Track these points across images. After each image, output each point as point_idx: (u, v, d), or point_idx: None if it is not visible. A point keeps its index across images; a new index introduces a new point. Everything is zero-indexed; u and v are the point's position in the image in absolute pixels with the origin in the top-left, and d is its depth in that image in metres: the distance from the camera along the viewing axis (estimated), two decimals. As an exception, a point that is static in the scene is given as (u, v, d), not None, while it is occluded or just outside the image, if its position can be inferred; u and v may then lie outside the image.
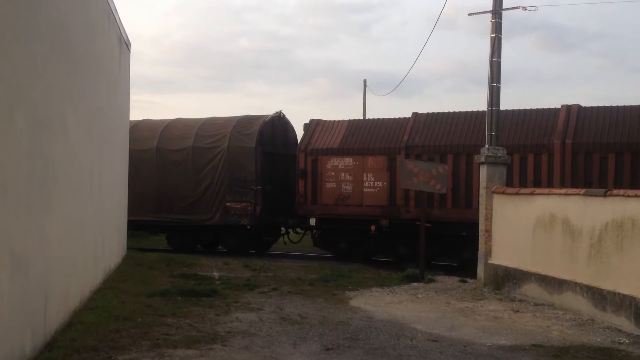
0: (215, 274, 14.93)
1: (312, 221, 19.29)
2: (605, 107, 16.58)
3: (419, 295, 12.31)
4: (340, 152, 18.92)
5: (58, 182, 8.02)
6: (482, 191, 13.57)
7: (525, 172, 16.32)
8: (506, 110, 17.20)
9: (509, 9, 14.00)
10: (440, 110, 18.64)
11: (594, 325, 9.58)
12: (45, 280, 7.51)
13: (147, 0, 65.50)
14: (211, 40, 69.47)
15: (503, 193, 12.94)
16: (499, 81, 13.99)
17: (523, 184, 15.95)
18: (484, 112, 17.26)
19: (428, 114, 18.54)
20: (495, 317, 10.28)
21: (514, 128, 16.86)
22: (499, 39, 14.01)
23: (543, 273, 11.40)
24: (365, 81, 37.97)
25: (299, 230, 20.81)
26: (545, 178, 16.07)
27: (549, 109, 16.97)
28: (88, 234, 10.65)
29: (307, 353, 7.74)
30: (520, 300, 11.63)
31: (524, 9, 13.96)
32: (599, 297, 9.88)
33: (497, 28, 13.98)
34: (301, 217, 19.66)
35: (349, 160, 18.77)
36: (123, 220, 16.72)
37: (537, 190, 12.02)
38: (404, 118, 18.91)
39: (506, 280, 12.55)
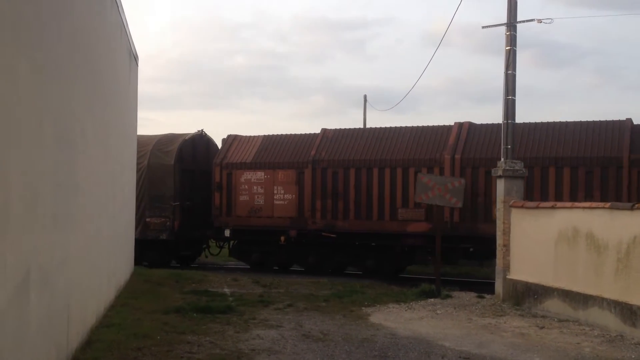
0: (227, 290, 14.67)
1: (227, 232, 20.15)
2: (493, 125, 17.55)
3: (438, 312, 12.07)
4: (253, 166, 19.84)
5: (78, 196, 7.81)
6: (499, 205, 13.38)
7: None
8: (405, 127, 18.82)
9: (524, 21, 13.92)
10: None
11: (624, 341, 9.36)
12: (68, 297, 7.27)
13: (142, 18, 65.45)
14: (206, 58, 69.45)
15: (522, 207, 12.75)
16: (514, 94, 13.85)
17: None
18: (386, 128, 19.04)
19: (336, 130, 19.61)
20: (522, 333, 10.04)
21: (412, 143, 18.03)
22: (514, 52, 13.89)
23: (567, 288, 11.19)
24: (365, 97, 37.70)
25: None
26: None
27: (444, 126, 18.16)
28: (103, 250, 10.42)
29: (338, 371, 7.50)
30: (543, 316, 11.40)
31: (539, 21, 13.87)
32: (628, 312, 9.66)
33: (511, 41, 13.87)
34: (217, 229, 20.39)
35: (260, 174, 19.69)
36: (131, 236, 16.49)
37: (559, 204, 11.85)
38: (314, 134, 19.93)
39: (526, 295, 12.33)
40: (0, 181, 4.50)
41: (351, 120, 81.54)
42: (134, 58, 15.53)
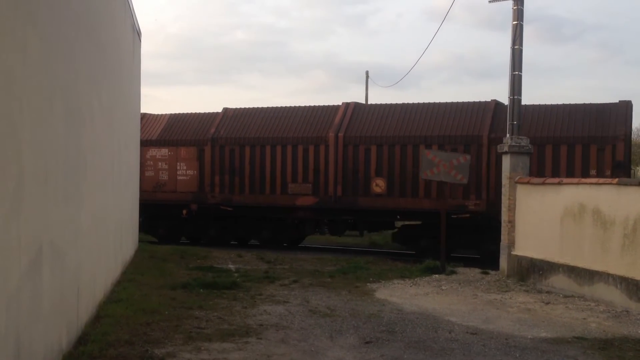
0: (232, 267, 14.73)
1: None
2: (379, 105, 19.14)
3: (443, 287, 12.12)
4: (158, 143, 20.93)
5: (87, 172, 7.79)
6: (504, 181, 13.36)
7: (307, 161, 18.89)
8: (298, 107, 20.09)
9: (531, -4, 13.75)
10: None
11: (630, 317, 9.39)
12: (78, 272, 7.30)
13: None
14: (206, 33, 69.10)
15: (528, 183, 12.73)
16: (520, 69, 13.76)
17: (305, 171, 18.81)
18: (281, 107, 20.32)
19: (236, 109, 20.84)
20: (528, 309, 10.09)
21: (302, 122, 19.38)
22: (521, 26, 13.77)
23: (572, 264, 11.21)
24: (367, 72, 37.56)
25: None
26: (322, 166, 18.66)
27: (333, 106, 19.54)
28: (110, 225, 10.44)
29: (347, 346, 7.54)
30: (548, 292, 11.45)
31: (546, -4, 13.71)
32: (634, 288, 9.69)
33: (518, 15, 13.75)
34: None
35: (165, 151, 20.82)
36: (135, 212, 16.51)
37: (565, 180, 11.82)
38: (216, 112, 21.17)
39: (531, 271, 12.37)
40: (14, 159, 4.49)
41: (352, 96, 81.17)
42: (138, 34, 15.41)
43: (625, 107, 16.32)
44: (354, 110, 18.93)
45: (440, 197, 16.01)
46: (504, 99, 14.53)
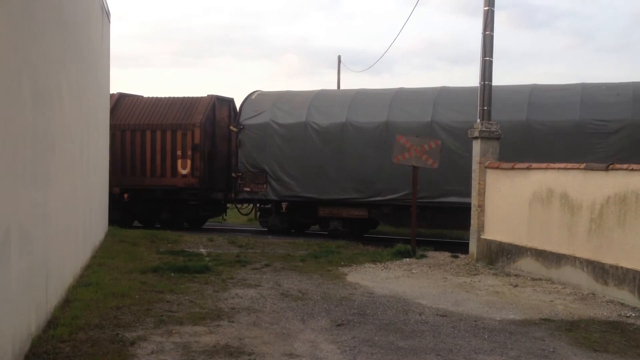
0: (203, 251, 14.68)
1: None
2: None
3: (414, 271, 12.23)
4: None
5: (55, 153, 7.68)
6: (475, 166, 13.48)
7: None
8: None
9: (502, -18, 13.82)
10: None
11: (596, 299, 9.59)
12: (47, 256, 7.21)
13: (114, -28, 63.69)
14: (178, 15, 68.23)
15: (497, 168, 12.86)
16: (491, 55, 13.83)
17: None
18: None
19: None
20: (496, 291, 10.23)
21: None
22: (492, 12, 13.82)
23: (540, 248, 11.39)
24: (339, 57, 37.73)
25: None
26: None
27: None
28: (79, 209, 10.31)
29: (318, 329, 7.58)
30: (516, 275, 11.62)
31: (518, -18, 13.79)
32: (600, 271, 9.88)
33: (490, 1, 13.80)
34: None
35: None
36: (105, 195, 16.33)
37: (534, 165, 11.95)
38: None
39: (500, 255, 12.53)
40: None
41: (325, 81, 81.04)
42: (107, 14, 15.17)
43: (208, 100, 20.44)
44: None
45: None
46: (474, 84, 14.57)
